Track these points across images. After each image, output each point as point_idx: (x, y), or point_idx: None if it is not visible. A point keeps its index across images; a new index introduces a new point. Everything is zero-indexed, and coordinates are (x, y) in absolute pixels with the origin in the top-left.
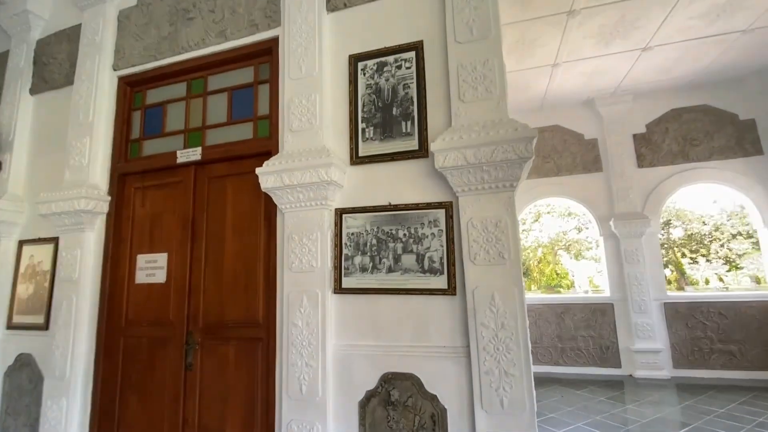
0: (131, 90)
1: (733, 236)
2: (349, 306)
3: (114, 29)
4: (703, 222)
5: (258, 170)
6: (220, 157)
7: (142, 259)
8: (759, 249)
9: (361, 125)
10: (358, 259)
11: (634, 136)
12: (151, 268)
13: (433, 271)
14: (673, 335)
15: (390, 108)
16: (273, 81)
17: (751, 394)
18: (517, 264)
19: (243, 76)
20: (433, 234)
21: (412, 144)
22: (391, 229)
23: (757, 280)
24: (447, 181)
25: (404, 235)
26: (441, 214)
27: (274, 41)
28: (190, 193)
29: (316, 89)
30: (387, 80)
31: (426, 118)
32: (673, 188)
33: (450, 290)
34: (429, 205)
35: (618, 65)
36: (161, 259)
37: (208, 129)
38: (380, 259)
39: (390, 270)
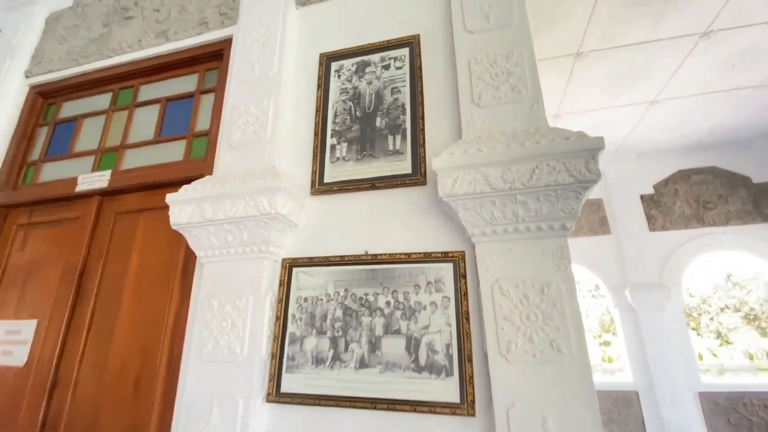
0: (44, 101)
1: (721, 309)
2: (289, 429)
3: (38, 32)
4: (690, 294)
5: (169, 197)
6: (134, 184)
7: (0, 328)
8: (749, 323)
9: (330, 140)
10: (311, 343)
11: (642, 197)
12: (10, 342)
13: (434, 369)
14: None
15: (372, 118)
16: (220, 89)
17: None
18: (583, 360)
19: (184, 84)
20: (434, 304)
21: (403, 166)
22: (367, 295)
23: (750, 357)
24: (457, 220)
25: (388, 303)
26: (447, 271)
27: (227, 42)
28: (86, 234)
29: (271, 93)
30: (369, 83)
31: (423, 131)
32: (691, 255)
33: (465, 406)
34: (428, 257)
35: (623, 119)
36: (27, 328)
37: (128, 149)
38: (347, 345)
39: (363, 364)
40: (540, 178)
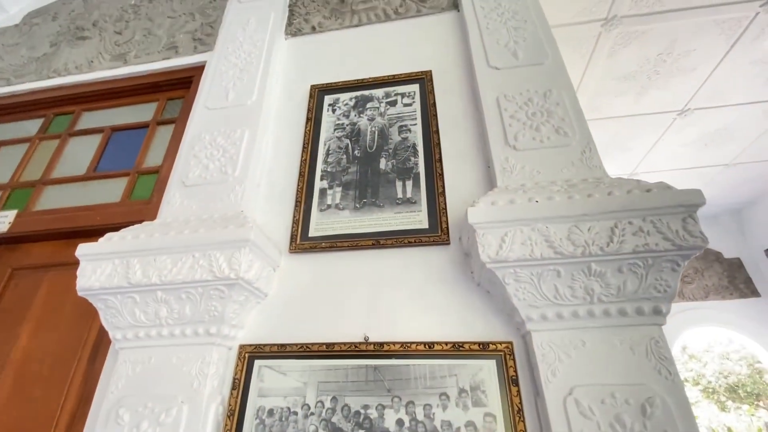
0: None
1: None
2: None
3: None
4: None
5: (81, 249)
6: (46, 230)
7: None
8: (708, 396)
9: (319, 183)
10: None
11: None
12: None
13: None
14: None
15: (375, 159)
16: (182, 121)
17: None
18: None
19: (138, 113)
20: (472, 426)
21: (417, 218)
22: (367, 408)
23: None
24: (500, 296)
25: (400, 424)
26: (489, 372)
27: (198, 70)
28: None
29: (246, 123)
30: (372, 120)
31: (441, 176)
32: (676, 331)
33: None
34: (459, 349)
35: None
36: None
37: (49, 185)
38: None
39: None
40: (624, 241)
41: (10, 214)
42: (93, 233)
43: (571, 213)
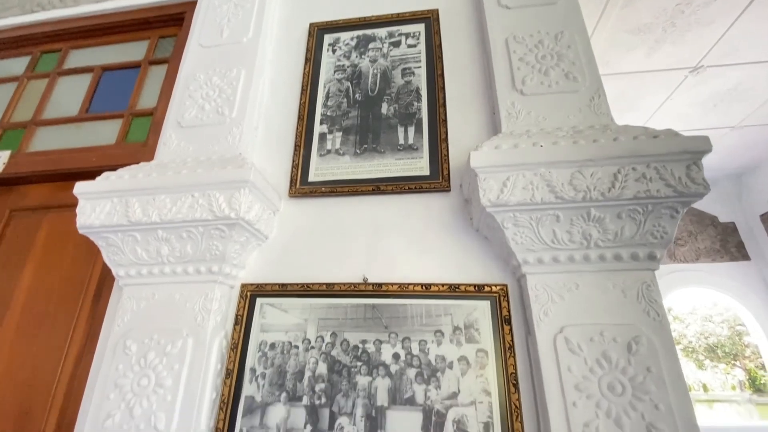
0: None
1: None
2: None
3: None
4: None
5: (79, 187)
6: (42, 171)
7: None
8: (687, 355)
9: (319, 127)
10: (277, 414)
11: None
12: None
13: None
14: None
15: (376, 103)
16: (175, 60)
17: None
18: None
19: (129, 51)
20: (464, 361)
21: (418, 165)
22: (365, 343)
23: (688, 389)
24: (498, 240)
25: (396, 357)
26: (483, 312)
27: (190, 5)
28: None
29: (242, 62)
30: (374, 61)
31: (445, 122)
32: (665, 291)
33: None
34: (455, 291)
35: None
36: None
37: (41, 126)
38: (333, 419)
39: None
40: (625, 187)
41: (4, 155)
42: (89, 175)
43: (576, 158)
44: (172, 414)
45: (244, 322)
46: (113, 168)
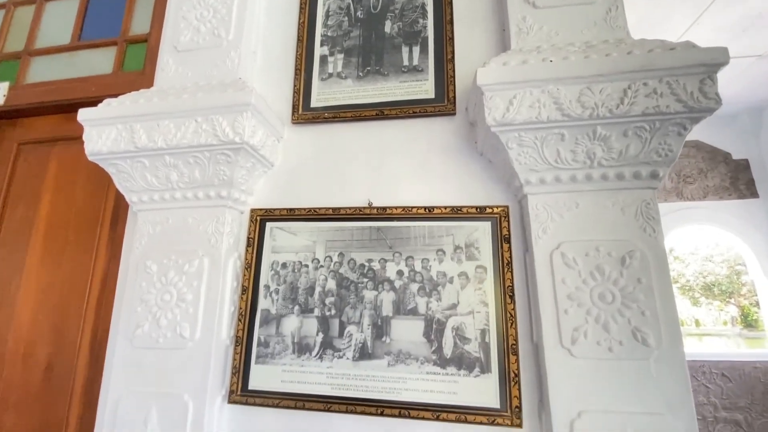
0: None
1: None
2: None
3: None
4: None
5: (83, 114)
6: (43, 102)
7: None
8: (684, 293)
9: (319, 49)
10: (291, 324)
11: None
12: None
13: (464, 363)
14: None
15: (379, 21)
16: None
17: None
18: (676, 358)
19: None
20: (464, 276)
21: (423, 88)
22: (371, 261)
23: (681, 323)
24: (502, 162)
25: (400, 274)
26: (484, 232)
27: None
28: None
29: None
30: None
31: (452, 40)
32: (668, 229)
33: (508, 414)
34: (457, 213)
35: None
36: None
37: (35, 56)
38: (343, 327)
39: (365, 354)
40: (635, 103)
41: (3, 86)
42: (90, 105)
43: (586, 73)
44: (196, 324)
45: (255, 244)
46: (113, 97)
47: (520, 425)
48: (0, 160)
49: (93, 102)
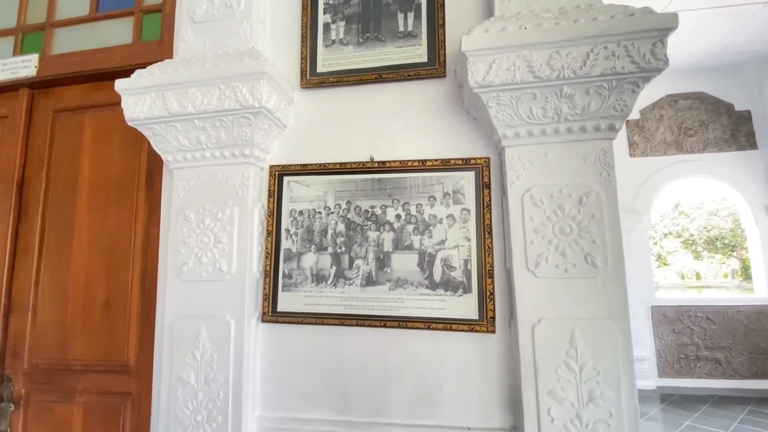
0: None
1: (665, 235)
2: (288, 347)
3: None
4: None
5: (120, 84)
6: (71, 73)
7: None
8: (687, 247)
9: (323, 17)
10: (309, 260)
11: (627, 122)
12: None
13: (450, 286)
14: (659, 342)
15: None
16: None
17: (746, 408)
18: (618, 275)
19: None
20: (451, 217)
21: (417, 52)
22: (373, 207)
23: (682, 276)
24: (483, 119)
25: (398, 217)
26: (468, 180)
27: None
28: (19, 136)
29: None
30: None
31: (443, 6)
32: (664, 182)
33: (484, 323)
34: (446, 165)
35: None
36: None
37: (58, 27)
38: (352, 261)
39: (370, 281)
40: (595, 65)
41: (34, 58)
42: (115, 75)
43: (555, 39)
44: (231, 261)
45: (275, 195)
46: (136, 67)
47: (493, 331)
48: (39, 128)
49: (118, 72)
